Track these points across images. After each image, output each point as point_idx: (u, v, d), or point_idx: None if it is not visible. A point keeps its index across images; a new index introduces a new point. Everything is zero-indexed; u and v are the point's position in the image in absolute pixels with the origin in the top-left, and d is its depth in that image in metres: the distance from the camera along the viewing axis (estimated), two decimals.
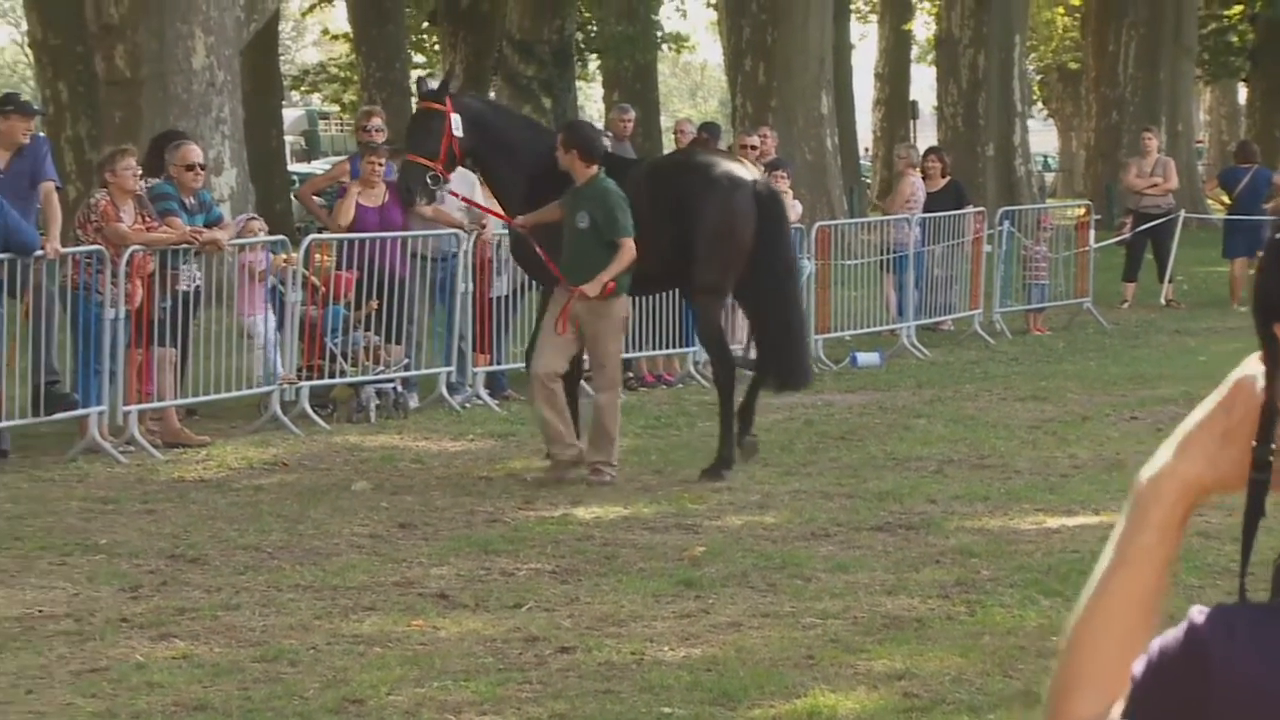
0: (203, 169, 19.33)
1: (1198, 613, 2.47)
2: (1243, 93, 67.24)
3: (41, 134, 20.13)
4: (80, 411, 17.93)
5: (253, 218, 20.68)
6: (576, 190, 16.27)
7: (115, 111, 26.07)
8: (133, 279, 18.01)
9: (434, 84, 18.60)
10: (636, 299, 20.64)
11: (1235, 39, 58.23)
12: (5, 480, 16.79)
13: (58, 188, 18.81)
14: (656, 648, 11.17)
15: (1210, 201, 46.00)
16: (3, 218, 17.20)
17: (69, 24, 29.68)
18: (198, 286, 18.98)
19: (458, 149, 17.40)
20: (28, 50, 35.04)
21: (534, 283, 21.10)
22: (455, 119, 17.26)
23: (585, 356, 16.88)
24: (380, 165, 20.82)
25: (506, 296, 21.51)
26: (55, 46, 31.44)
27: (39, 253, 17.52)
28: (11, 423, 17.65)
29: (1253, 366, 2.60)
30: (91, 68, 27.55)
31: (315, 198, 22.68)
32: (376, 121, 22.19)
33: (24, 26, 36.08)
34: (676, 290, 22.69)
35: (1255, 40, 57.10)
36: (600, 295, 16.00)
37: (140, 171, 18.57)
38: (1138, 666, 2.49)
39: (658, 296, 22.37)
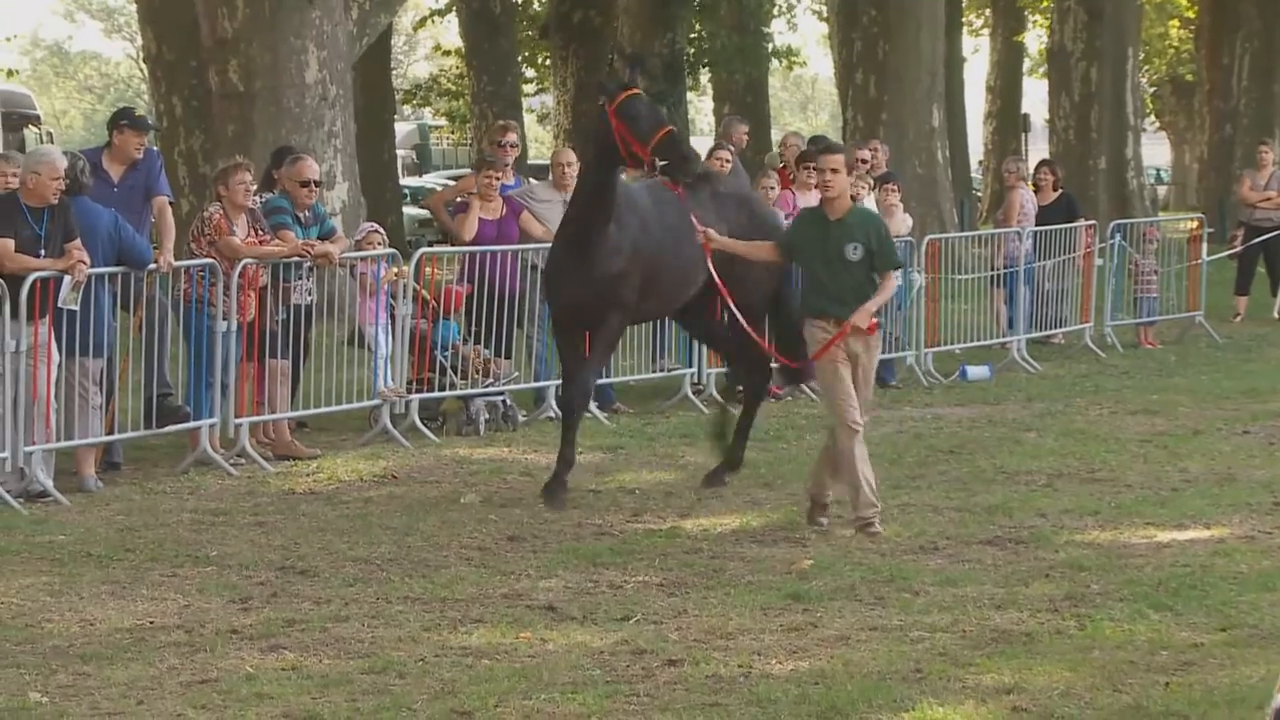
0: (318, 185, 19.39)
1: None
2: None
3: (155, 148, 20.21)
4: (192, 424, 18.01)
5: (375, 230, 20.71)
6: (838, 220, 15.00)
7: (228, 125, 26.22)
8: (245, 292, 18.09)
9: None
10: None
11: None
12: (118, 492, 16.89)
13: (170, 202, 18.90)
14: (764, 661, 11.15)
15: None
16: (118, 232, 17.31)
17: (183, 39, 29.84)
18: (311, 300, 19.08)
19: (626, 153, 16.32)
20: (143, 65, 35.29)
21: None
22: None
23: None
24: (498, 179, 20.89)
25: None
26: (170, 61, 31.61)
27: (152, 266, 17.61)
28: (124, 435, 17.76)
29: None
30: (205, 82, 27.69)
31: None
32: (512, 136, 22.24)
33: (139, 41, 36.29)
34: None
35: None
36: (870, 330, 14.98)
37: (254, 186, 18.68)
38: None
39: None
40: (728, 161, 22.31)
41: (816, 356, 15.00)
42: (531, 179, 24.51)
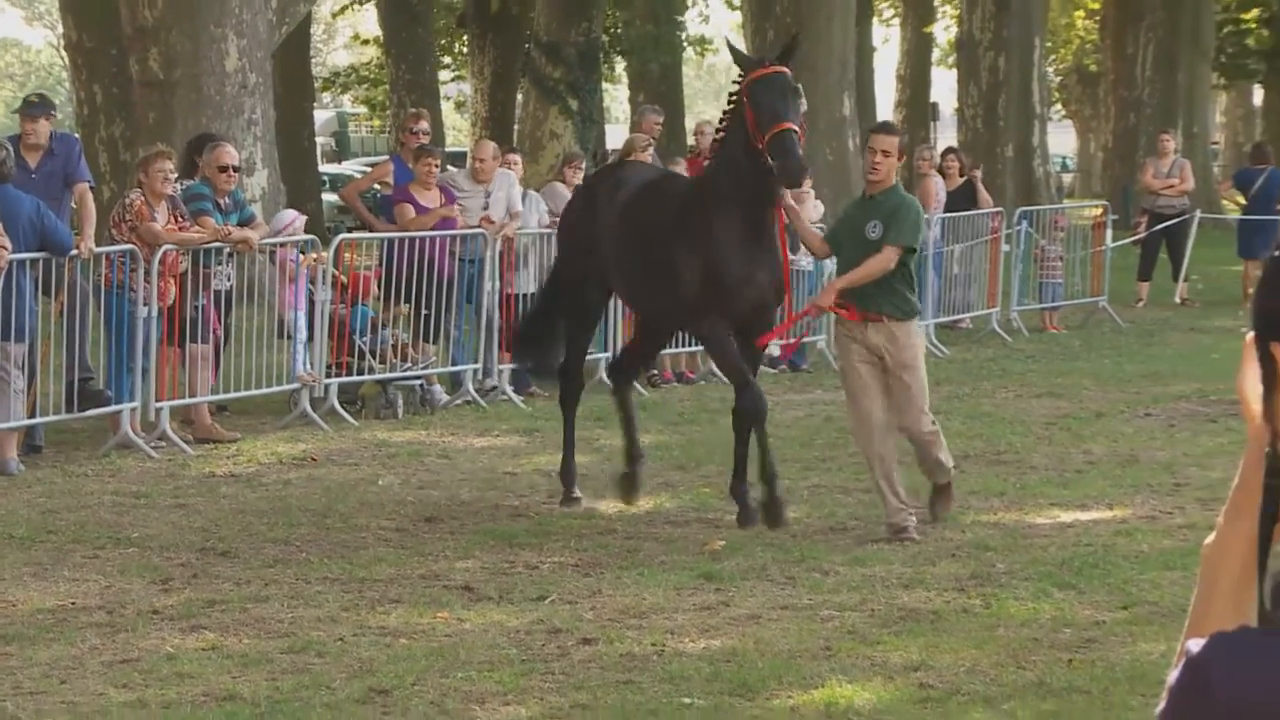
0: (236, 171, 19.38)
1: (1193, 644, 2.51)
2: (1258, 95, 67.17)
3: (75, 135, 20.16)
4: (113, 408, 17.97)
5: (297, 216, 20.72)
6: (870, 198, 14.18)
7: (149, 113, 26.13)
8: (165, 278, 18.06)
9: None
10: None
11: (1252, 41, 58.15)
12: (39, 475, 16.83)
13: (91, 187, 18.85)
14: (677, 639, 11.19)
15: (1225, 202, 45.98)
16: (40, 218, 17.26)
17: (104, 27, 29.75)
18: (230, 285, 19.06)
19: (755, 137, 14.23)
20: (63, 53, 35.13)
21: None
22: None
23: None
24: (436, 166, 20.90)
25: (531, 294, 21.59)
26: (90, 49, 31.51)
27: (73, 252, 17.58)
28: (46, 419, 17.70)
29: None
30: (126, 70, 27.60)
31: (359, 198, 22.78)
32: (424, 124, 22.29)
33: (60, 29, 36.12)
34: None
35: (1271, 43, 57.06)
36: (849, 312, 13.93)
37: (175, 174, 18.64)
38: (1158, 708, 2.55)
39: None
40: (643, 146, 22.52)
41: (762, 342, 14.76)
42: (450, 166, 24.48)
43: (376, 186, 22.25)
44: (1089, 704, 9.83)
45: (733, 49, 15.74)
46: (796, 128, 14.12)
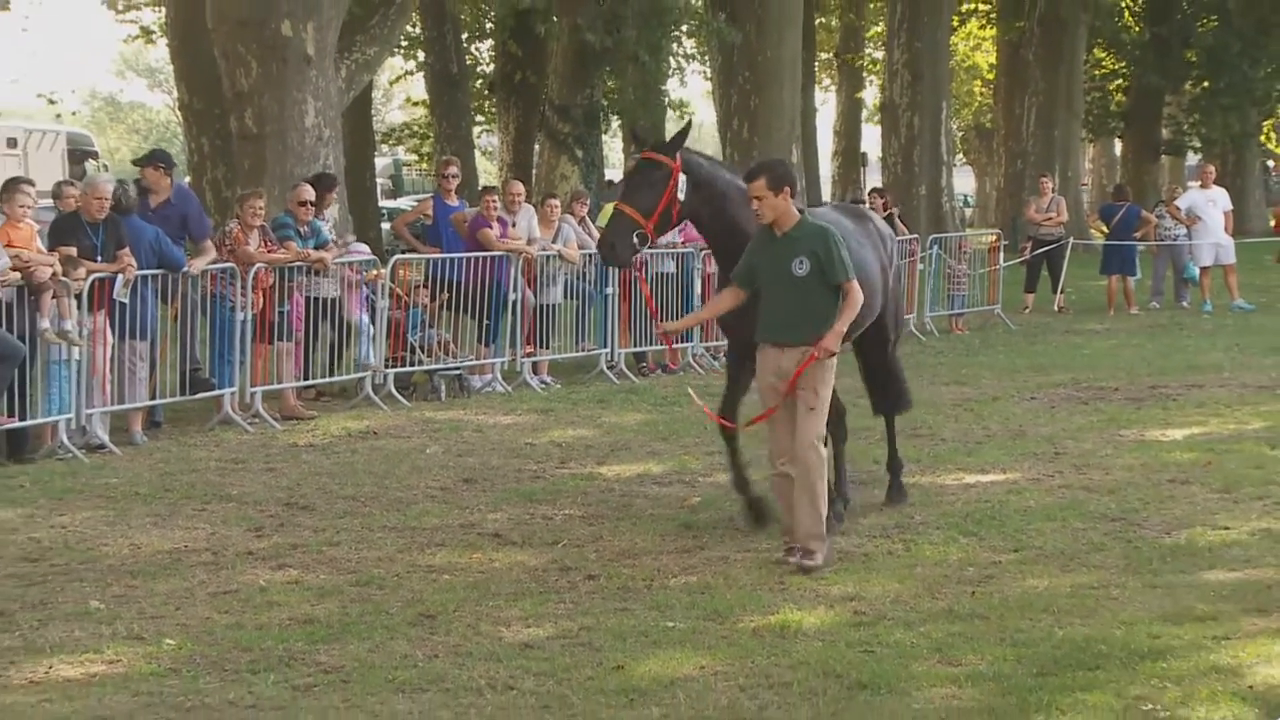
0: (312, 205, 19.35)
1: None
2: (1118, 146, 67.21)
3: (190, 191, 20.20)
4: (217, 392, 17.96)
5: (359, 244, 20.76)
6: (785, 235, 11.40)
7: (245, 160, 26.03)
8: (256, 290, 18.05)
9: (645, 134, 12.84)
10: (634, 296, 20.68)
11: (1113, 105, 58.20)
12: (159, 445, 16.80)
13: (210, 238, 18.87)
14: (662, 576, 11.17)
15: (1092, 230, 46.03)
16: (159, 243, 17.28)
17: (210, 92, 29.61)
18: (337, 294, 19.21)
19: (676, 212, 12.01)
20: (178, 112, 35.00)
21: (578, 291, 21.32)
22: (682, 179, 11.98)
23: None
24: (495, 201, 21.14)
25: (559, 305, 21.72)
26: (199, 110, 31.42)
27: (185, 269, 17.58)
28: (164, 400, 17.68)
29: None
30: (227, 126, 27.49)
31: (405, 228, 22.75)
32: (453, 169, 22.35)
33: (175, 94, 36.04)
34: (682, 288, 22.72)
35: (1128, 106, 57.15)
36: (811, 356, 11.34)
37: (264, 209, 18.75)
38: None
39: (661, 295, 22.30)
40: None
41: (788, 390, 11.39)
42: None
43: (422, 217, 22.18)
44: (987, 626, 9.80)
45: (635, 130, 13.40)
46: (628, 207, 11.79)
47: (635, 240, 11.83)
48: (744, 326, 11.93)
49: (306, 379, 19.09)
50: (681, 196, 11.95)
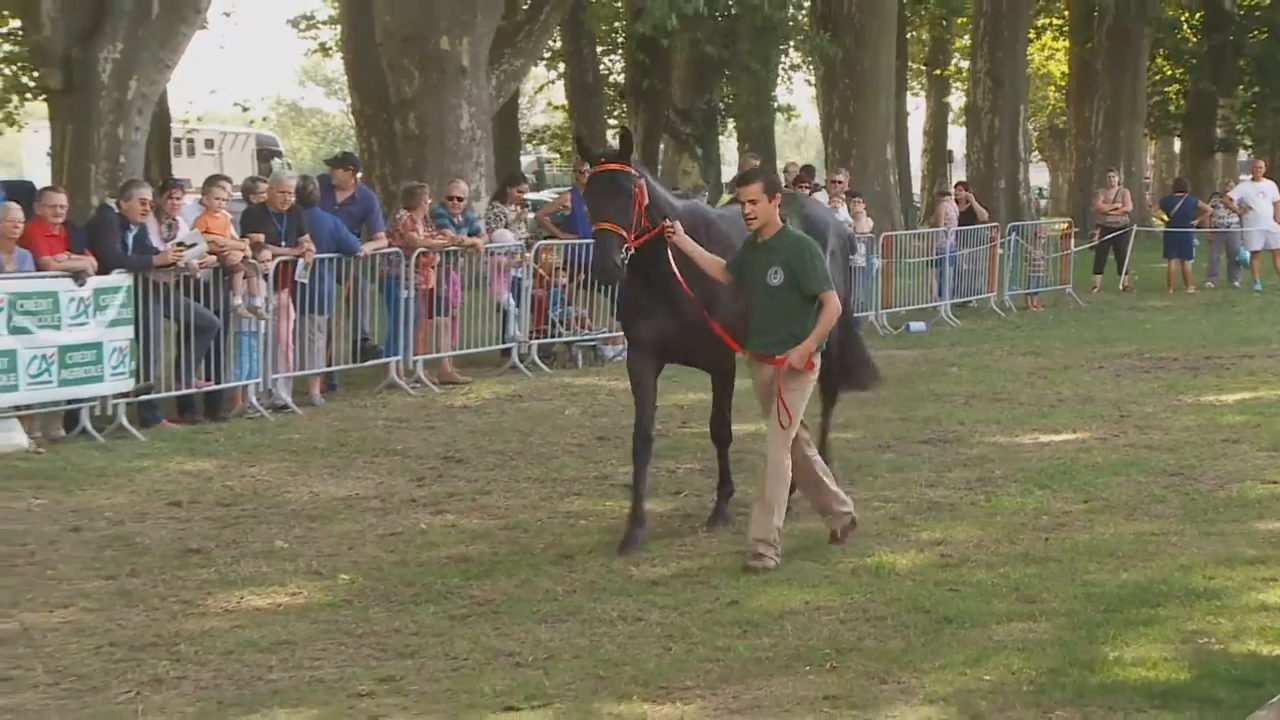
0: (461, 199, 19.43)
1: None
2: (1177, 145, 66.41)
3: (374, 192, 20.35)
4: (384, 360, 18.07)
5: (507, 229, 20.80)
6: (765, 243, 10.03)
7: (409, 158, 26.21)
8: (422, 270, 18.14)
9: (594, 143, 11.51)
10: None
11: (1172, 108, 57.52)
12: (334, 406, 16.93)
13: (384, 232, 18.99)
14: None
15: (1154, 219, 45.44)
16: (337, 231, 17.40)
17: (379, 99, 29.79)
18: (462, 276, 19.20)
19: (645, 219, 10.29)
20: (351, 116, 35.20)
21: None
22: (643, 184, 10.38)
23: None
24: None
25: None
26: (369, 114, 31.60)
27: (358, 254, 17.69)
28: (339, 367, 17.82)
29: None
30: (393, 129, 27.67)
31: (547, 217, 22.79)
32: (588, 166, 22.30)
33: (349, 101, 36.29)
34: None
35: (1186, 109, 56.45)
36: (807, 365, 9.95)
37: (431, 199, 18.90)
38: None
39: None
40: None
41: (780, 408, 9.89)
42: None
43: (562, 208, 22.21)
44: (1059, 568, 9.71)
45: (578, 142, 11.21)
46: (611, 225, 10.10)
47: (623, 254, 10.14)
48: (639, 324, 10.69)
49: (462, 349, 19.17)
50: (648, 201, 10.32)
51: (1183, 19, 55.23)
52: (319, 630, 8.60)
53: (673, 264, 10.28)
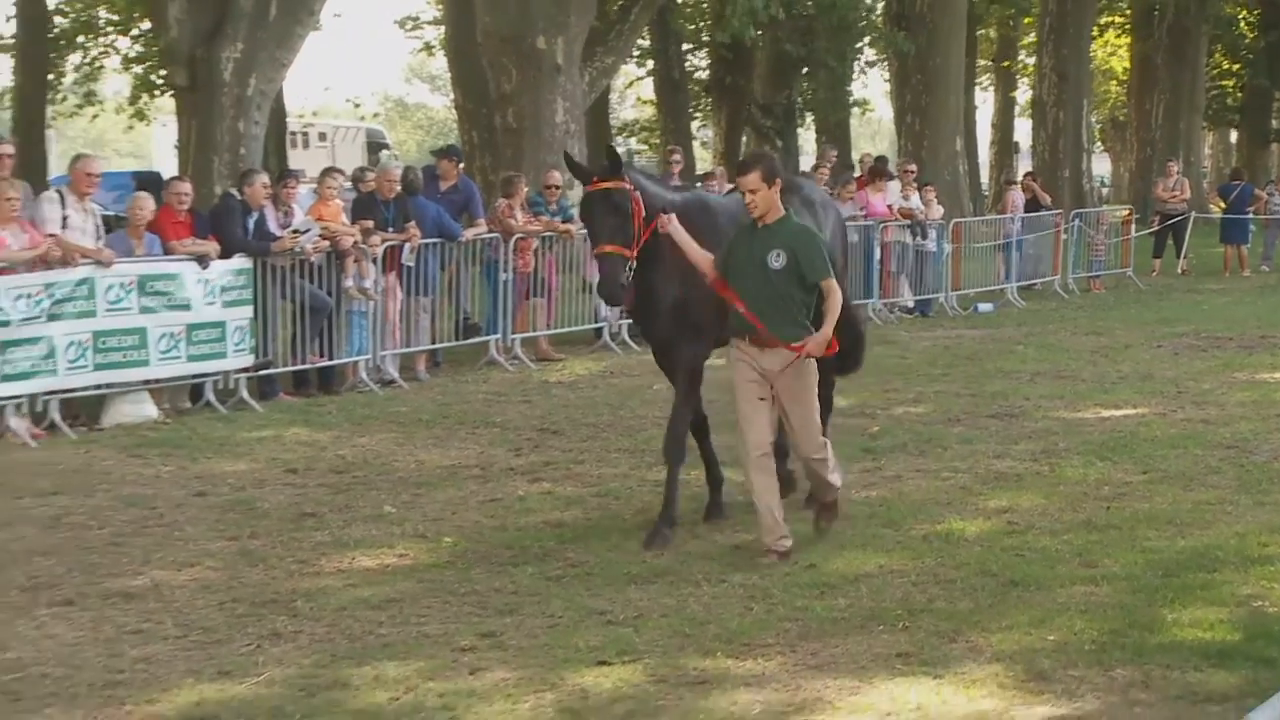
0: (556, 188, 19.47)
1: None
2: (1234, 136, 65.61)
3: (474, 182, 20.39)
4: (484, 338, 18.14)
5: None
6: (767, 227, 9.18)
7: (507, 150, 26.23)
8: (520, 254, 18.18)
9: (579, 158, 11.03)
10: None
11: (1230, 101, 56.82)
12: (438, 381, 17.02)
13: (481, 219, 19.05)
14: (847, 490, 11.05)
15: (1211, 206, 44.94)
16: (440, 218, 17.47)
17: (479, 94, 29.83)
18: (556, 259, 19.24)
19: (645, 233, 9.52)
20: (454, 111, 35.30)
21: None
22: (638, 196, 9.54)
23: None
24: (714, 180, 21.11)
25: None
26: (470, 109, 31.64)
27: (460, 239, 17.77)
28: (442, 345, 17.90)
29: None
30: (493, 122, 27.72)
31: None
32: (677, 156, 22.38)
33: (451, 96, 36.40)
34: (863, 246, 22.44)
35: (1242, 102, 55.77)
36: (827, 352, 9.22)
37: (528, 188, 18.97)
38: None
39: (849, 251, 22.09)
40: (825, 171, 22.84)
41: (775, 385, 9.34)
42: (696, 185, 24.47)
43: None
44: (1120, 535, 9.63)
45: (569, 161, 10.23)
46: (613, 247, 9.40)
47: (628, 273, 9.48)
48: (643, 323, 10.13)
49: (556, 328, 19.22)
50: (644, 214, 9.54)
51: (1240, 16, 54.52)
52: (424, 589, 8.65)
53: (670, 253, 9.50)
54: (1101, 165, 70.03)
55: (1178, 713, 6.51)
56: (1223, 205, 32.17)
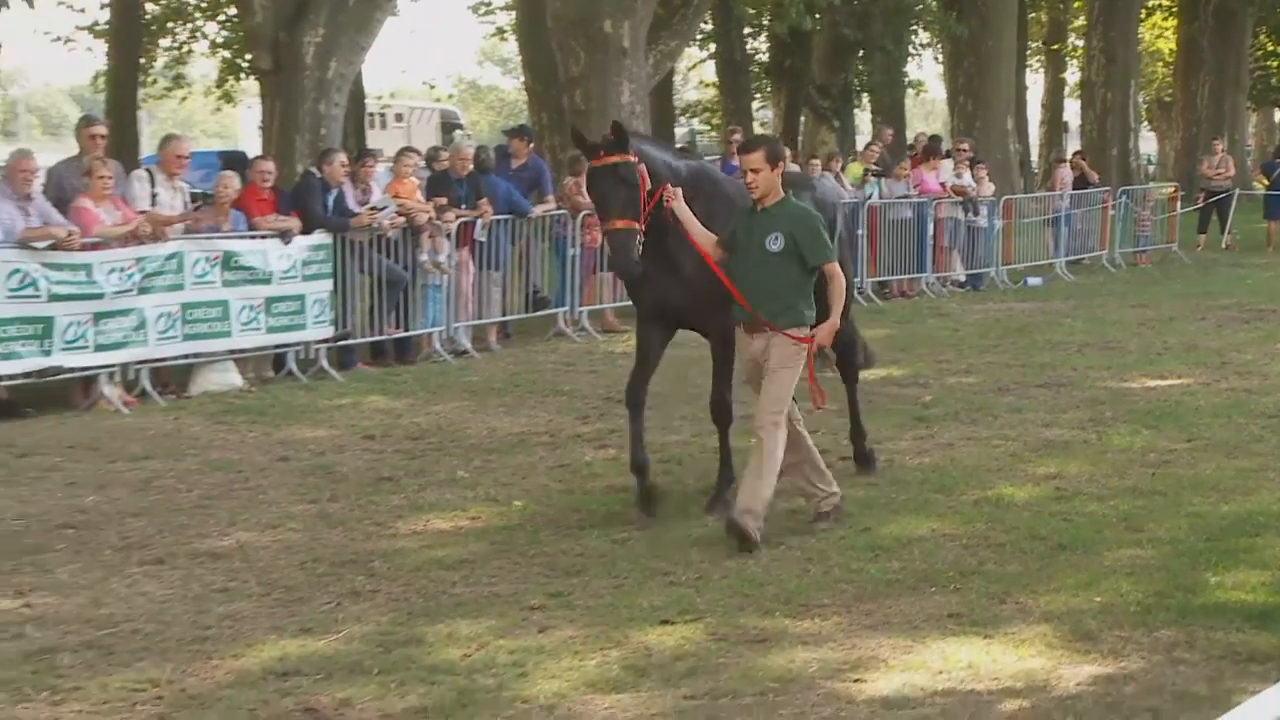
0: None
1: None
2: (1278, 115, 64.81)
3: (544, 161, 20.38)
4: (553, 310, 18.15)
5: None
6: (766, 210, 8.75)
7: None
8: (587, 230, 18.16)
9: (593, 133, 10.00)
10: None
11: (1274, 81, 56.16)
12: (509, 351, 17.05)
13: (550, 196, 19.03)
14: (901, 458, 11.06)
15: (1255, 183, 44.46)
16: (510, 194, 17.49)
17: (549, 77, 29.79)
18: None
19: (650, 204, 9.02)
20: (525, 93, 35.30)
21: None
22: (643, 168, 9.05)
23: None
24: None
25: None
26: (540, 91, 31.61)
27: (530, 215, 17.77)
28: (513, 317, 17.92)
29: None
30: (562, 104, 27.70)
31: None
32: (738, 136, 22.35)
33: (522, 79, 36.37)
34: (917, 222, 22.31)
35: None
36: (830, 339, 8.94)
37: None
38: None
39: (898, 241, 22.03)
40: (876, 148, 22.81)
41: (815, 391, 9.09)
42: None
43: None
44: (1165, 501, 9.55)
45: (575, 135, 9.63)
46: (623, 221, 8.89)
47: (639, 246, 8.96)
48: (642, 291, 9.52)
49: (619, 301, 19.22)
50: (649, 186, 9.03)
51: None
52: (495, 550, 8.68)
53: (674, 226, 9.00)
54: (1148, 144, 69.38)
55: (1220, 671, 6.45)
56: (1266, 182, 31.74)
